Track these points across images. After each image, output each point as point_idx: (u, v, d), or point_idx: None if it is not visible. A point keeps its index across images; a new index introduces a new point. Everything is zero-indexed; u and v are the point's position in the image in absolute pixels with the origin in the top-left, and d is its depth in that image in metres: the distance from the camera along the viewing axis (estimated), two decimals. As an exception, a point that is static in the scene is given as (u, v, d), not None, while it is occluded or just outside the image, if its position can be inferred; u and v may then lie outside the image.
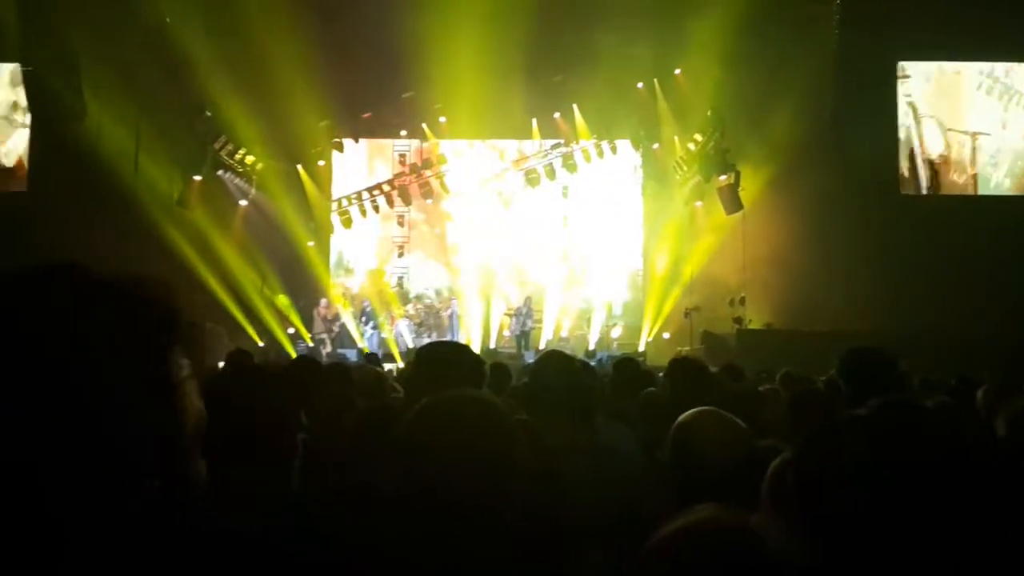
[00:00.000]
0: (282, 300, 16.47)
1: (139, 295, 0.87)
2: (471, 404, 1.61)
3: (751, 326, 15.24)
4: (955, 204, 16.98)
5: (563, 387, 2.92)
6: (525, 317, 16.85)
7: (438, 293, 18.47)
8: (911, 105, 17.40)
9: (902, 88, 17.35)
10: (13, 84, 16.06)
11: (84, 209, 14.32)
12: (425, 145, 18.01)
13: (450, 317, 17.84)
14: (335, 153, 17.89)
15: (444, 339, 16.21)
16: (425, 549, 1.44)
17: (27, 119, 16.27)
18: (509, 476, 1.52)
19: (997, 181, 17.52)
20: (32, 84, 14.44)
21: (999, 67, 17.54)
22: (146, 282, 0.89)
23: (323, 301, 16.97)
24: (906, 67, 17.34)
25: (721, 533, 0.92)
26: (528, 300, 17.16)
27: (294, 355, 12.58)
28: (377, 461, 2.13)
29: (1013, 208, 16.69)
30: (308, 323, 16.88)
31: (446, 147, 17.94)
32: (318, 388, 4.38)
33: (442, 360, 2.81)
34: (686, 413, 2.38)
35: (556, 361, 3.11)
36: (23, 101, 15.15)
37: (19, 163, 16.79)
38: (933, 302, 14.63)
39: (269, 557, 1.53)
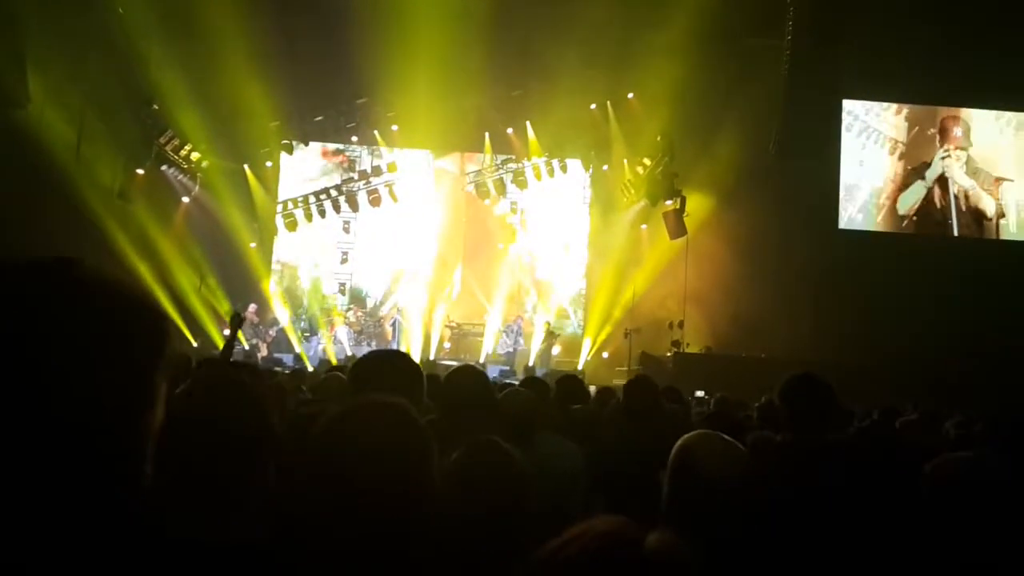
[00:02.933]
0: (225, 307, 16.17)
1: (137, 295, 0.88)
2: (381, 409, 1.61)
3: (689, 350, 15.45)
4: (890, 239, 17.49)
5: (473, 401, 2.92)
6: (516, 335, 17.02)
7: (378, 302, 18.37)
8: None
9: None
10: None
11: (21, 197, 13.91)
12: (375, 151, 17.95)
13: (392, 326, 17.73)
14: (283, 155, 17.71)
15: (385, 348, 16.11)
16: (336, 554, 1.44)
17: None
18: (419, 479, 1.52)
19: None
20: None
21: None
22: (135, 285, 0.90)
23: (252, 307, 16.60)
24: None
25: (601, 540, 0.95)
26: (519, 318, 17.32)
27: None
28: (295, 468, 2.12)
29: (950, 245, 17.27)
30: (244, 326, 16.57)
31: (398, 156, 17.85)
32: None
33: (380, 367, 2.79)
34: (687, 435, 2.39)
35: (466, 376, 3.10)
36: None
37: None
38: (867, 333, 15.05)
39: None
